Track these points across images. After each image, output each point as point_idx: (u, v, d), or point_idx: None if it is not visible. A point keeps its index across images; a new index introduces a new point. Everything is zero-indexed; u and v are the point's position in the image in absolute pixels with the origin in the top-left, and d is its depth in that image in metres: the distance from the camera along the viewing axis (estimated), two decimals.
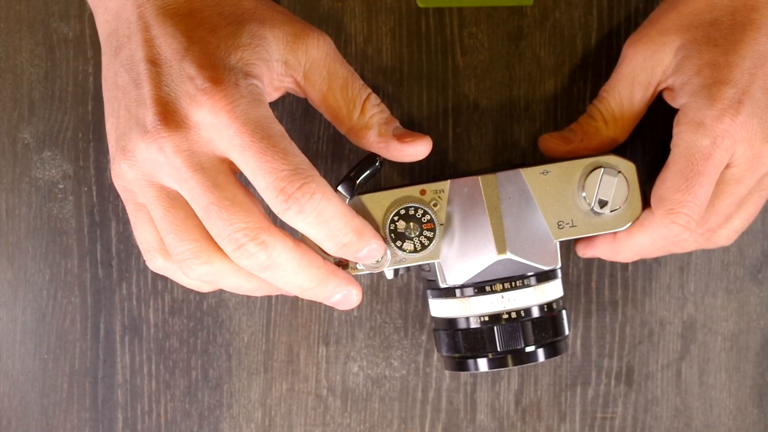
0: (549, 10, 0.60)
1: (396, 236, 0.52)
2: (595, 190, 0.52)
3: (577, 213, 0.53)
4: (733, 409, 0.62)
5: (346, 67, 0.52)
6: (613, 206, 0.52)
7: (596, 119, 0.55)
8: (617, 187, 0.52)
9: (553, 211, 0.53)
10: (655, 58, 0.53)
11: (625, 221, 0.53)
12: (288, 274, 0.49)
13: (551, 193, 0.53)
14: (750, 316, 0.62)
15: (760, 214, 0.61)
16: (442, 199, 0.53)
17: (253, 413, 0.62)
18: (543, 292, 0.54)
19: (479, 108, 0.60)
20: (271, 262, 0.48)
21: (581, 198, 0.53)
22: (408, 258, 0.52)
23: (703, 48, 0.51)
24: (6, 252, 0.61)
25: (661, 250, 0.55)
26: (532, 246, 0.53)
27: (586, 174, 0.53)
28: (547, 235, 0.53)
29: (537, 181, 0.53)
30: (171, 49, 0.48)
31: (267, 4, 0.52)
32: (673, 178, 0.51)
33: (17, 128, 0.60)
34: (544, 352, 0.54)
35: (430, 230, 0.52)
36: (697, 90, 0.51)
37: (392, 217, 0.52)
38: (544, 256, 0.53)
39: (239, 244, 0.47)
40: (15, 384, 0.61)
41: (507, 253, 0.52)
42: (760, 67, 0.51)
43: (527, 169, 0.53)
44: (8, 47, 0.60)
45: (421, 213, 0.52)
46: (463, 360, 0.54)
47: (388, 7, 0.60)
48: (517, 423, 0.62)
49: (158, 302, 0.61)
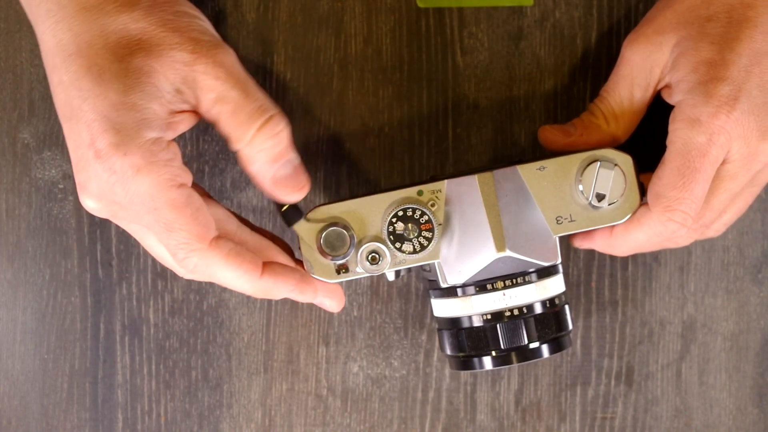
0: (549, 10, 0.60)
1: (395, 238, 0.52)
2: (592, 184, 0.52)
3: (575, 207, 0.53)
4: (733, 409, 0.62)
5: (239, 89, 0.50)
6: (610, 199, 0.52)
7: (597, 116, 0.55)
8: (614, 181, 0.52)
9: (551, 206, 0.53)
10: (653, 59, 0.53)
11: (624, 214, 0.53)
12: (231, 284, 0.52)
13: (548, 189, 0.53)
14: (750, 316, 0.62)
15: (759, 214, 0.61)
16: (439, 199, 0.53)
17: (253, 413, 0.61)
18: (545, 288, 0.54)
19: (479, 108, 0.60)
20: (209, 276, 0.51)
21: (578, 192, 0.52)
22: (408, 259, 0.52)
23: (699, 45, 0.51)
24: (6, 252, 0.61)
25: (656, 245, 0.55)
26: (531, 242, 0.53)
27: (583, 168, 0.52)
28: (546, 231, 0.53)
29: (534, 177, 0.53)
30: (68, 106, 0.49)
31: (156, 23, 0.49)
32: (669, 175, 0.51)
33: (17, 128, 0.60)
34: (548, 348, 0.54)
35: (428, 231, 0.52)
36: (693, 87, 0.51)
37: (390, 219, 0.52)
38: (544, 252, 0.53)
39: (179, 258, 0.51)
40: (15, 384, 0.61)
41: (506, 251, 0.52)
42: (757, 65, 0.51)
43: (524, 165, 0.53)
44: (8, 47, 0.60)
45: (419, 214, 0.52)
46: (467, 359, 0.54)
47: (388, 7, 0.60)
48: (517, 423, 0.62)
49: (158, 302, 0.61)
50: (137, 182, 0.48)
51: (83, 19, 0.49)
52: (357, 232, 0.52)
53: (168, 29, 0.49)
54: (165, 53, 0.49)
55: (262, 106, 0.50)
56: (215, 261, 0.50)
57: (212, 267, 0.50)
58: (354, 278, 0.53)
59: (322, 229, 0.52)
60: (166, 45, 0.49)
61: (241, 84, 0.50)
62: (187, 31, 0.50)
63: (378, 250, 0.52)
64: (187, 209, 0.49)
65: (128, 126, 0.48)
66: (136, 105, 0.48)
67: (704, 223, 0.54)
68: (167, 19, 0.49)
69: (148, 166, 0.48)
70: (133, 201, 0.49)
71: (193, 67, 0.49)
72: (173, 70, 0.49)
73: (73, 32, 0.49)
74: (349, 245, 0.52)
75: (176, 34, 0.49)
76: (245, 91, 0.50)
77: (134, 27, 0.49)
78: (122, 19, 0.49)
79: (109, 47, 0.48)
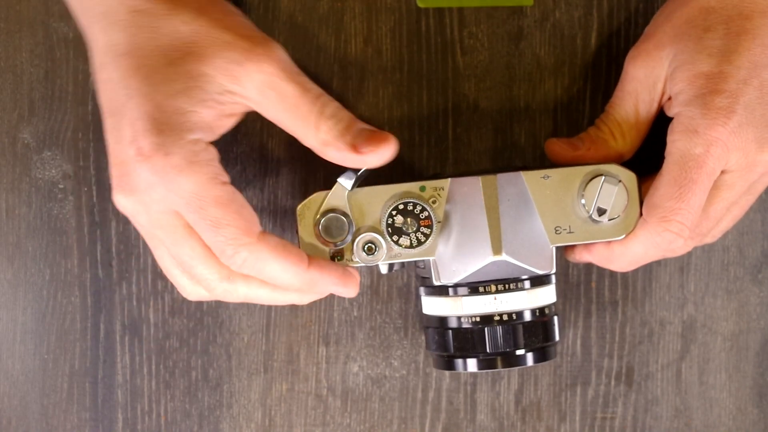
0: (549, 10, 0.60)
1: (393, 231, 0.52)
2: (595, 197, 0.52)
3: (575, 219, 0.53)
4: (733, 409, 0.62)
5: (295, 82, 0.50)
6: (611, 215, 0.52)
7: (604, 132, 0.55)
8: (617, 196, 0.52)
9: (552, 216, 0.53)
10: (655, 74, 0.53)
11: (623, 231, 0.53)
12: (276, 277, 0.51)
13: (550, 198, 0.53)
14: (750, 316, 0.62)
15: (759, 214, 0.61)
16: (441, 196, 0.53)
17: (253, 413, 0.61)
18: (536, 297, 0.54)
19: (479, 108, 0.60)
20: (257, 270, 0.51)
21: (580, 205, 0.53)
22: (404, 253, 0.52)
23: (697, 58, 0.51)
24: (6, 252, 0.61)
25: (654, 257, 0.55)
26: (528, 249, 0.53)
27: (587, 181, 0.52)
28: (543, 240, 0.53)
29: (537, 185, 0.53)
30: (114, 102, 0.50)
31: (207, 23, 0.50)
32: (666, 185, 0.51)
33: (17, 128, 0.60)
34: (533, 357, 0.54)
35: (427, 227, 0.52)
36: (691, 99, 0.51)
37: (390, 212, 0.52)
38: (540, 260, 0.53)
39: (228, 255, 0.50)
40: (15, 384, 0.61)
41: (503, 255, 0.52)
42: (755, 77, 0.51)
43: (528, 172, 0.53)
44: (8, 47, 0.60)
45: (420, 209, 0.52)
46: (451, 359, 0.54)
47: (388, 7, 0.60)
48: (517, 423, 0.62)
49: (158, 302, 0.61)
50: (181, 182, 0.49)
51: (136, 21, 0.49)
52: (356, 221, 0.52)
53: (219, 28, 0.50)
54: (217, 54, 0.49)
55: (319, 95, 0.51)
56: (265, 254, 0.50)
57: (261, 261, 0.50)
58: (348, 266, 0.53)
59: (323, 214, 0.52)
60: (218, 45, 0.49)
61: (295, 77, 0.50)
62: (237, 29, 0.50)
63: (375, 240, 0.52)
64: (233, 205, 0.50)
65: (171, 127, 0.48)
66: (181, 109, 0.49)
67: (701, 231, 0.54)
68: (217, 19, 0.50)
69: (191, 166, 0.49)
70: (174, 201, 0.49)
71: (245, 66, 0.49)
72: (224, 71, 0.49)
73: (125, 33, 0.49)
74: (347, 233, 0.52)
75: (228, 33, 0.50)
76: (301, 84, 0.50)
77: (185, 29, 0.49)
78: (173, 21, 0.49)
79: (161, 49, 0.49)
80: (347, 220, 0.52)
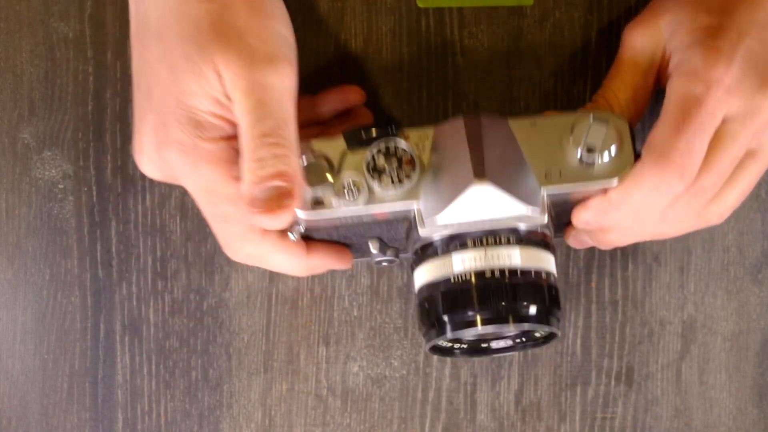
0: (549, 10, 0.60)
1: (374, 170, 0.51)
2: (584, 136, 0.50)
3: (565, 165, 0.51)
4: (733, 409, 0.62)
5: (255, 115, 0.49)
6: (601, 151, 0.50)
7: (601, 105, 0.54)
8: (607, 135, 0.50)
9: (540, 161, 0.51)
10: (654, 41, 0.53)
11: (616, 172, 0.50)
12: None
13: (538, 144, 0.51)
14: (750, 316, 0.62)
15: (759, 214, 0.61)
16: (426, 145, 0.51)
17: (253, 413, 0.62)
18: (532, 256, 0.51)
19: (479, 108, 0.60)
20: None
21: (569, 144, 0.50)
22: (386, 196, 0.51)
23: (695, 16, 0.51)
24: (6, 252, 0.61)
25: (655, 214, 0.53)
26: (515, 182, 0.50)
27: (576, 123, 0.51)
28: (532, 180, 0.50)
29: (524, 130, 0.51)
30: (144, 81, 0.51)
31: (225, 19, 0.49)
32: (664, 125, 0.50)
33: (17, 128, 0.60)
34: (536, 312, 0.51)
35: (410, 167, 0.50)
36: (690, 45, 0.50)
37: (374, 154, 0.51)
38: (529, 195, 0.50)
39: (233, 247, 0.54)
40: (15, 384, 0.61)
41: (486, 180, 0.49)
42: (755, 30, 0.50)
43: (515, 118, 0.51)
44: (8, 47, 0.60)
45: (402, 151, 0.51)
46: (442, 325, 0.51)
47: (388, 7, 0.60)
48: (517, 423, 0.62)
49: (158, 302, 0.61)
50: (195, 176, 0.50)
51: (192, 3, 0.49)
52: (340, 167, 0.51)
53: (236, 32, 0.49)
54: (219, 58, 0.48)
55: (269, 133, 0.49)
56: (267, 248, 0.53)
57: (265, 255, 0.54)
58: (333, 216, 0.51)
59: (307, 163, 0.51)
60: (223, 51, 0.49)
61: (260, 110, 0.49)
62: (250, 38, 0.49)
63: (355, 181, 0.50)
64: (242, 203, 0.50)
65: (188, 122, 0.49)
66: (192, 107, 0.49)
67: (704, 187, 0.52)
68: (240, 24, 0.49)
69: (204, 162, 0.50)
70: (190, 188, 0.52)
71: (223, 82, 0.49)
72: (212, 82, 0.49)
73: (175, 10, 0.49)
74: (327, 180, 0.51)
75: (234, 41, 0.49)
76: (260, 118, 0.49)
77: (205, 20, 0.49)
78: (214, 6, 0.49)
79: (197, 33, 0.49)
80: (329, 166, 0.51)
